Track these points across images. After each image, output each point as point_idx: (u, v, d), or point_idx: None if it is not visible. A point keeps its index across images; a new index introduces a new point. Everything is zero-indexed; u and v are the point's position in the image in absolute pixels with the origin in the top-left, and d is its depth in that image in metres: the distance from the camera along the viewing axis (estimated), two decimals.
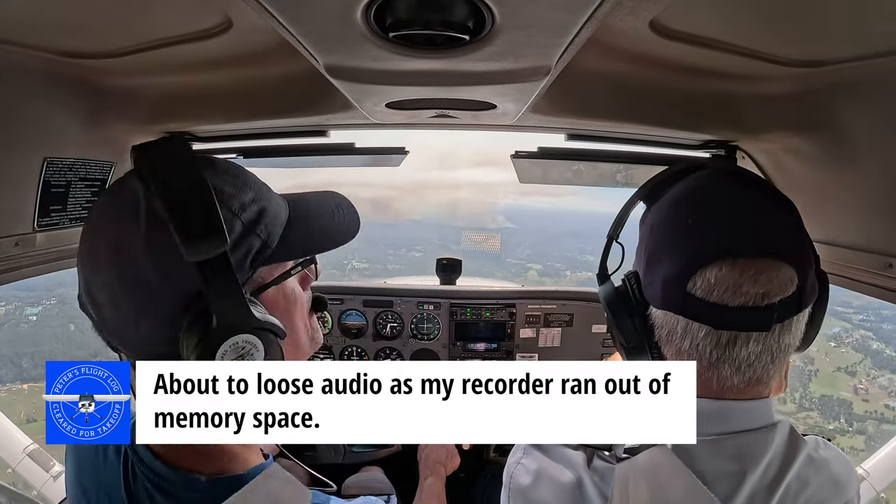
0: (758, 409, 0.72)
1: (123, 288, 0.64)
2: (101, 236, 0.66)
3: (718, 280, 0.67)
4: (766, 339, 0.68)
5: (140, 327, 0.65)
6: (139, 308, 0.64)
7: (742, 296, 0.66)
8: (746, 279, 0.66)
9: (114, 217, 0.67)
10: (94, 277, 0.66)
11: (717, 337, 0.69)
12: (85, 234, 0.68)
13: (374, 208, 41.49)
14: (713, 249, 0.68)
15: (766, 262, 0.66)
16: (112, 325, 0.67)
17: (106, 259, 0.64)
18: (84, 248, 0.67)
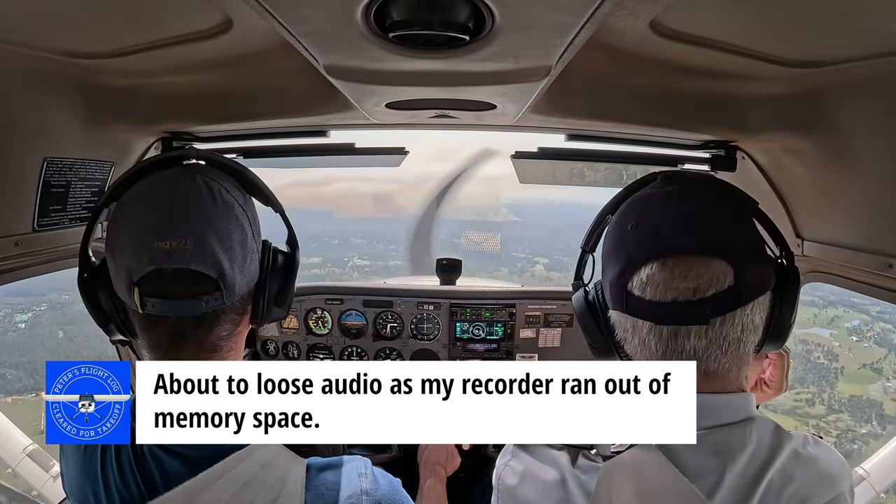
0: (733, 403, 0.74)
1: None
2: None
3: (650, 278, 0.71)
4: (708, 332, 0.71)
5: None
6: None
7: (673, 291, 0.70)
8: (676, 275, 0.70)
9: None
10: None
11: (659, 332, 0.73)
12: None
13: (376, 203, 41.69)
14: (647, 250, 0.72)
15: (696, 258, 0.70)
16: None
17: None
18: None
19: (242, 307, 0.82)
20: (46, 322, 8.35)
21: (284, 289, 0.87)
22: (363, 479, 0.81)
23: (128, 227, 0.75)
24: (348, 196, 50.12)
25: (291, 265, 0.89)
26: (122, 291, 0.76)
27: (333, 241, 26.44)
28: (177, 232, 0.72)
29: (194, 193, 0.76)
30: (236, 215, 0.79)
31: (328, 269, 22.05)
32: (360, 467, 0.83)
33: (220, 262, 0.74)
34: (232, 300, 0.77)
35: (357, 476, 0.81)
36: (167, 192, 0.76)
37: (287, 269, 0.88)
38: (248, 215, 0.82)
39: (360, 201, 27.75)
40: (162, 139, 1.50)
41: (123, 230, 0.75)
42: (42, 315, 8.66)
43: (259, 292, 0.83)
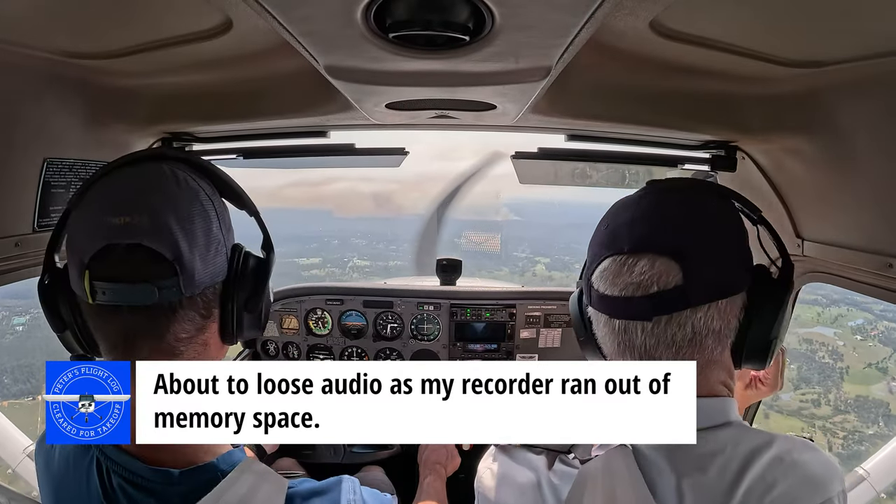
0: (703, 407, 0.70)
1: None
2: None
3: (604, 272, 0.74)
4: (654, 330, 0.71)
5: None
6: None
7: (618, 285, 0.72)
8: (624, 271, 0.72)
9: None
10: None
11: (612, 325, 0.75)
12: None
13: (376, 203, 41.55)
14: (606, 246, 0.75)
15: (644, 255, 0.71)
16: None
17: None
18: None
19: (206, 307, 0.74)
20: (44, 325, 8.30)
21: (256, 294, 0.79)
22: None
23: (85, 210, 0.71)
24: (348, 196, 50.11)
25: (264, 270, 0.81)
26: (76, 283, 0.70)
27: (333, 241, 26.32)
28: (132, 207, 0.67)
29: (156, 175, 0.72)
30: (201, 201, 0.73)
31: (328, 269, 21.97)
32: (347, 492, 0.79)
33: (178, 242, 0.68)
34: (191, 291, 0.70)
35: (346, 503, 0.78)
36: (131, 177, 0.73)
37: (259, 274, 0.80)
38: (216, 207, 0.76)
39: (360, 201, 27.83)
40: (162, 139, 1.50)
41: (81, 214, 0.71)
42: (40, 318, 8.60)
43: (227, 295, 0.76)
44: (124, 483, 0.72)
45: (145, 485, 0.71)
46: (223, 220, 0.77)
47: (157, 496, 0.70)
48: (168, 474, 0.71)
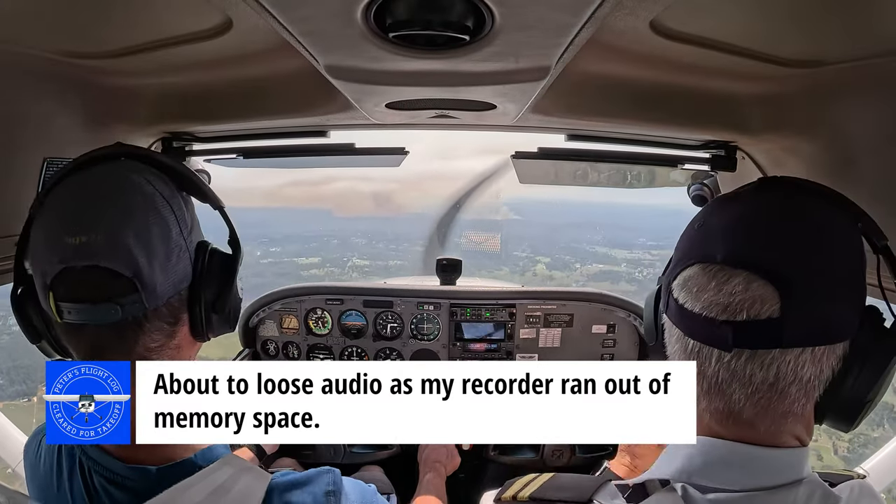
0: (775, 460, 0.61)
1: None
2: None
3: (687, 280, 0.64)
4: (731, 363, 0.60)
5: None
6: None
7: (701, 301, 0.61)
8: (712, 285, 0.60)
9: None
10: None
11: (684, 344, 0.65)
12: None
13: (375, 202, 41.22)
14: (697, 251, 0.64)
15: (739, 272, 0.59)
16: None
17: None
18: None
19: (172, 315, 0.73)
20: None
21: (222, 294, 0.78)
22: (330, 497, 0.77)
23: (42, 226, 0.70)
24: (348, 195, 49.74)
25: (230, 267, 0.80)
26: (42, 299, 0.70)
27: (333, 240, 26.20)
28: (85, 225, 0.66)
29: (111, 186, 0.70)
30: (157, 208, 0.71)
31: (327, 269, 21.87)
32: (327, 483, 0.78)
33: (136, 258, 0.67)
34: (155, 304, 0.70)
35: (324, 495, 0.77)
36: (84, 186, 0.71)
37: (225, 272, 0.79)
38: (175, 210, 0.73)
39: (360, 200, 27.70)
40: (162, 139, 1.50)
41: (38, 230, 0.70)
42: None
43: (193, 298, 0.75)
44: (105, 483, 0.72)
45: (125, 483, 0.72)
46: (183, 223, 0.75)
47: (136, 494, 0.70)
48: (145, 472, 0.71)
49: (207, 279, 0.76)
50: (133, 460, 0.72)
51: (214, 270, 0.78)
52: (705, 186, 1.68)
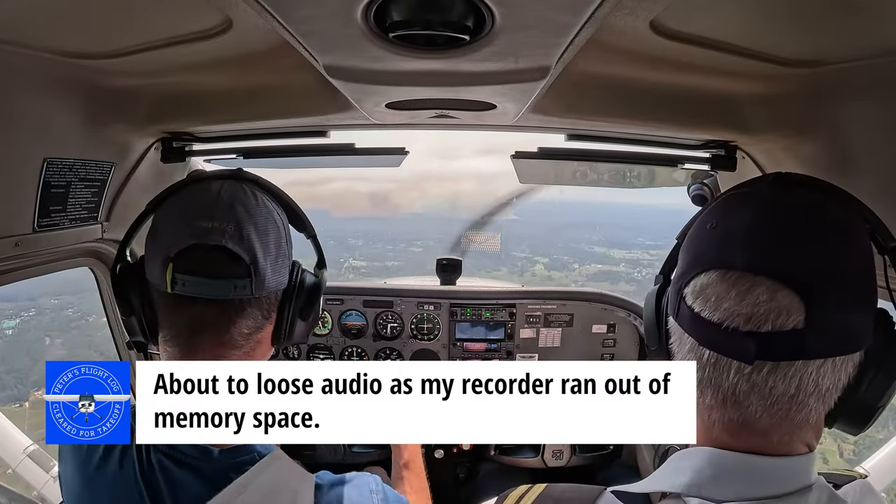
0: (783, 468, 0.60)
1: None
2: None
3: (704, 288, 0.60)
4: (752, 375, 0.58)
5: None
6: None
7: (721, 310, 0.58)
8: (732, 294, 0.57)
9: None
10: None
11: (700, 353, 0.61)
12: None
13: (373, 202, 41.03)
14: (712, 255, 0.60)
15: (762, 280, 0.56)
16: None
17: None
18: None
19: (268, 309, 0.84)
20: (34, 328, 8.14)
21: (310, 304, 0.91)
22: (374, 495, 0.83)
23: (174, 213, 0.81)
24: (345, 195, 49.70)
25: (318, 286, 0.93)
26: (155, 274, 0.78)
27: (330, 241, 26.01)
28: (220, 215, 0.77)
29: (238, 192, 0.83)
30: (274, 218, 0.85)
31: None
32: (371, 483, 0.85)
33: (255, 249, 0.78)
34: (260, 292, 0.80)
35: (369, 492, 0.83)
36: (214, 188, 0.82)
37: (313, 288, 0.92)
38: (284, 226, 0.87)
39: (357, 200, 27.42)
40: (162, 139, 1.50)
41: (169, 216, 0.82)
42: (30, 321, 8.43)
43: (285, 303, 0.87)
44: (163, 458, 0.75)
45: (185, 460, 0.75)
46: (289, 239, 0.89)
47: (195, 472, 0.74)
48: (208, 451, 0.75)
49: (299, 290, 0.89)
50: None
51: (305, 285, 0.91)
52: (705, 186, 1.68)
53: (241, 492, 0.71)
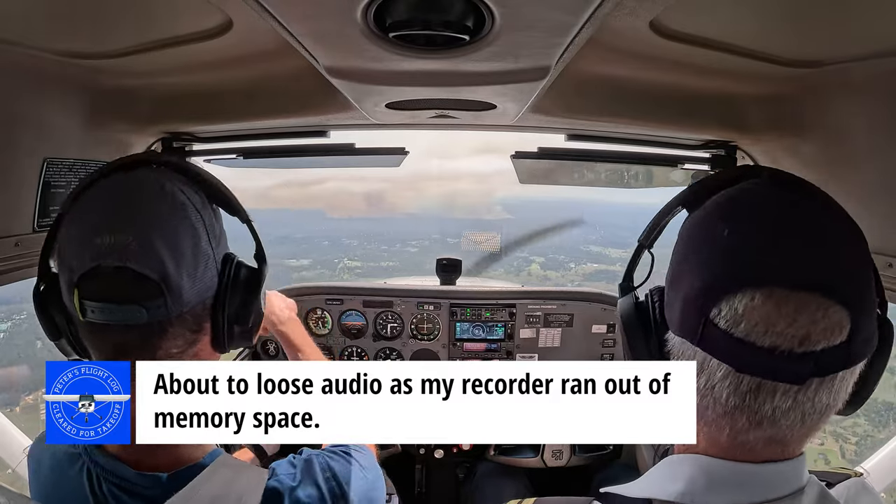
0: (784, 473, 0.59)
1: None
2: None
3: (748, 311, 0.53)
4: (798, 394, 0.55)
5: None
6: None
7: (775, 336, 0.53)
8: (784, 316, 0.52)
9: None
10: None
11: (737, 381, 0.56)
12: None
13: (368, 202, 40.28)
14: (749, 272, 0.55)
15: (811, 297, 0.52)
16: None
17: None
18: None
19: (196, 322, 0.74)
20: (25, 331, 8.00)
21: (246, 307, 0.79)
22: (326, 483, 0.82)
23: (75, 225, 0.71)
24: (340, 195, 48.74)
25: (256, 281, 0.80)
26: (66, 298, 0.70)
27: (324, 242, 25.78)
28: (118, 227, 0.67)
29: (145, 192, 0.72)
30: (189, 217, 0.72)
31: (318, 270, 21.14)
32: (322, 471, 0.83)
33: (164, 263, 0.68)
34: (179, 310, 0.70)
35: (325, 481, 0.82)
36: (117, 190, 0.72)
37: (250, 285, 0.79)
38: (205, 221, 0.75)
39: (352, 201, 27.41)
40: (162, 139, 1.50)
41: (71, 229, 0.71)
42: (21, 324, 8.28)
43: (217, 308, 0.76)
44: (116, 490, 0.73)
45: (135, 490, 0.72)
46: (212, 233, 0.76)
47: (147, 501, 0.71)
48: (156, 479, 0.72)
49: (232, 291, 0.77)
50: (143, 466, 0.72)
51: (239, 283, 0.78)
52: None
53: (187, 501, 0.68)
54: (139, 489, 0.72)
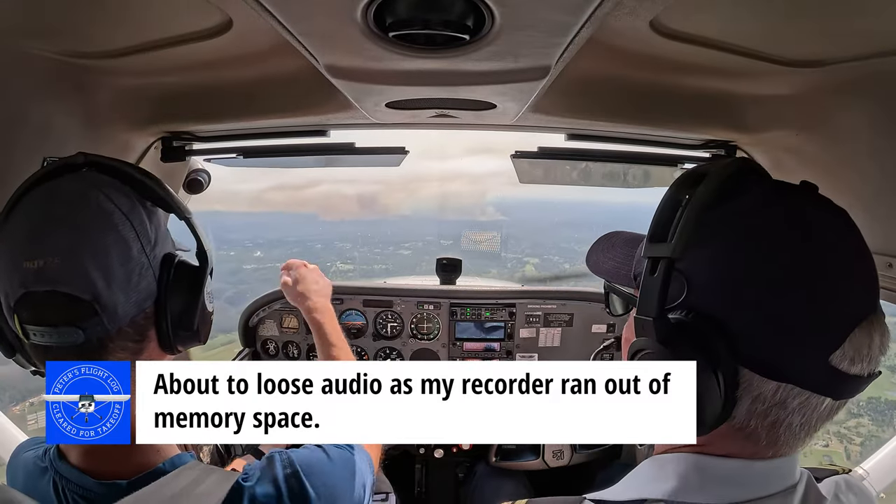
0: (779, 469, 0.60)
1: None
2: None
3: (862, 344, 0.53)
4: (838, 405, 0.57)
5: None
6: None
7: (871, 363, 0.54)
8: (876, 342, 0.54)
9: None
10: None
11: (818, 403, 0.55)
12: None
13: (360, 205, 40.06)
14: (853, 305, 0.53)
15: (882, 319, 0.55)
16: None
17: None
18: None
19: (139, 332, 0.73)
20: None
21: (189, 309, 0.76)
22: (291, 480, 0.78)
23: (3, 245, 0.68)
24: (332, 198, 48.34)
25: (197, 280, 0.77)
26: (8, 319, 0.70)
27: (317, 245, 25.59)
28: (43, 249, 0.65)
29: (67, 205, 0.68)
30: (115, 225, 0.69)
31: None
32: (283, 466, 0.80)
33: (94, 281, 0.66)
34: (117, 325, 0.69)
35: (284, 480, 0.78)
36: (39, 204, 0.69)
37: (192, 285, 0.76)
38: (135, 226, 0.71)
39: (345, 203, 27.13)
40: (162, 139, 1.50)
41: (2, 252, 0.68)
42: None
43: (159, 314, 0.74)
44: (79, 499, 0.72)
45: (96, 499, 0.72)
46: (145, 239, 0.72)
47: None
48: (117, 487, 0.71)
49: (173, 294, 0.75)
50: (103, 475, 0.72)
51: (181, 285, 0.76)
52: None
53: (146, 499, 0.67)
54: (101, 499, 0.71)
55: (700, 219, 0.56)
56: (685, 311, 0.58)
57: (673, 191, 0.61)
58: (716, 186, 0.57)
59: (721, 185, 0.58)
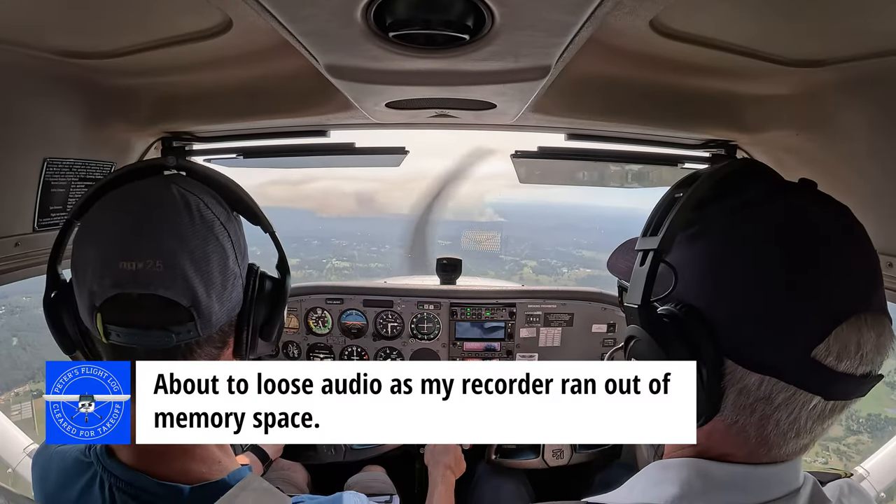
0: (782, 474, 0.59)
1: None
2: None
3: (846, 342, 0.52)
4: (844, 406, 0.57)
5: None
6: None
7: (865, 363, 0.53)
8: (872, 341, 0.53)
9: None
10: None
11: (813, 404, 0.55)
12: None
13: (358, 202, 39.70)
14: (844, 300, 0.52)
15: (886, 319, 0.54)
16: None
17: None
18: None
19: (222, 339, 0.73)
20: (3, 327, 7.85)
21: (271, 320, 0.78)
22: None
23: (92, 242, 0.67)
24: (330, 195, 47.70)
25: (280, 293, 0.79)
26: (85, 316, 0.68)
27: (313, 241, 25.41)
28: (144, 251, 0.63)
29: (167, 207, 0.67)
30: (216, 235, 0.69)
31: (305, 271, 21.11)
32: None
33: (195, 287, 0.65)
34: (208, 332, 0.69)
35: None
36: (136, 204, 0.68)
37: (275, 298, 0.78)
38: (231, 235, 0.72)
39: (343, 200, 27.23)
40: (162, 139, 1.50)
41: (87, 246, 0.67)
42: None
43: (242, 322, 0.75)
44: (129, 499, 0.70)
45: (153, 501, 0.70)
46: (238, 249, 0.73)
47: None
48: (178, 490, 0.70)
49: (258, 305, 0.76)
50: (163, 477, 0.70)
51: (264, 296, 0.77)
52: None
53: None
54: (157, 500, 0.70)
55: (688, 214, 0.59)
56: (674, 302, 0.60)
57: (671, 189, 0.63)
58: (707, 184, 0.59)
59: (713, 183, 0.60)
